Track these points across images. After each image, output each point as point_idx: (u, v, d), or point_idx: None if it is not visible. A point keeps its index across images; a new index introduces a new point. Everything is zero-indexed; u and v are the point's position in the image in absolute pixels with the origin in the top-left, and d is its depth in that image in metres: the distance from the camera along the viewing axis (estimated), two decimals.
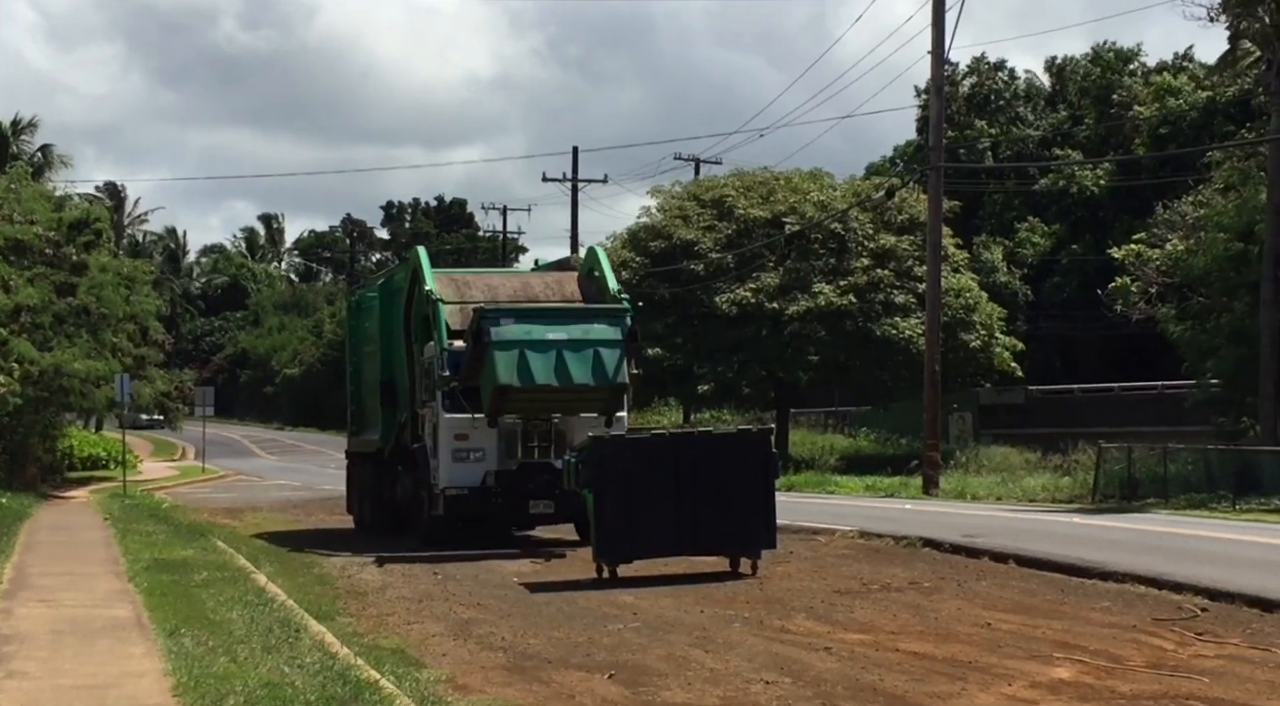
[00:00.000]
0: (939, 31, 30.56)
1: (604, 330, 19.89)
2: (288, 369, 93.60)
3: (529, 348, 19.38)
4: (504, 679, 10.81)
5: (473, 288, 22.14)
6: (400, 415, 22.89)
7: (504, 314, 19.74)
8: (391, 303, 23.79)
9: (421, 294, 21.55)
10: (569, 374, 19.51)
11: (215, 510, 29.82)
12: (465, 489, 20.23)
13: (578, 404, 20.31)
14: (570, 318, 20.20)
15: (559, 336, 19.63)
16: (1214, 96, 46.18)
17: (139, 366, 40.22)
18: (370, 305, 25.58)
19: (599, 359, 19.61)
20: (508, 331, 19.42)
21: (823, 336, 39.84)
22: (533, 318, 19.89)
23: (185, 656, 10.23)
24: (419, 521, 21.50)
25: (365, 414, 25.52)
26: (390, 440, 23.30)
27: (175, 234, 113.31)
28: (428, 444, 21.02)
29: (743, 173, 45.91)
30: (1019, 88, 59.26)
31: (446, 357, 20.23)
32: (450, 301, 21.18)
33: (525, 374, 19.29)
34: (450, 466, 20.25)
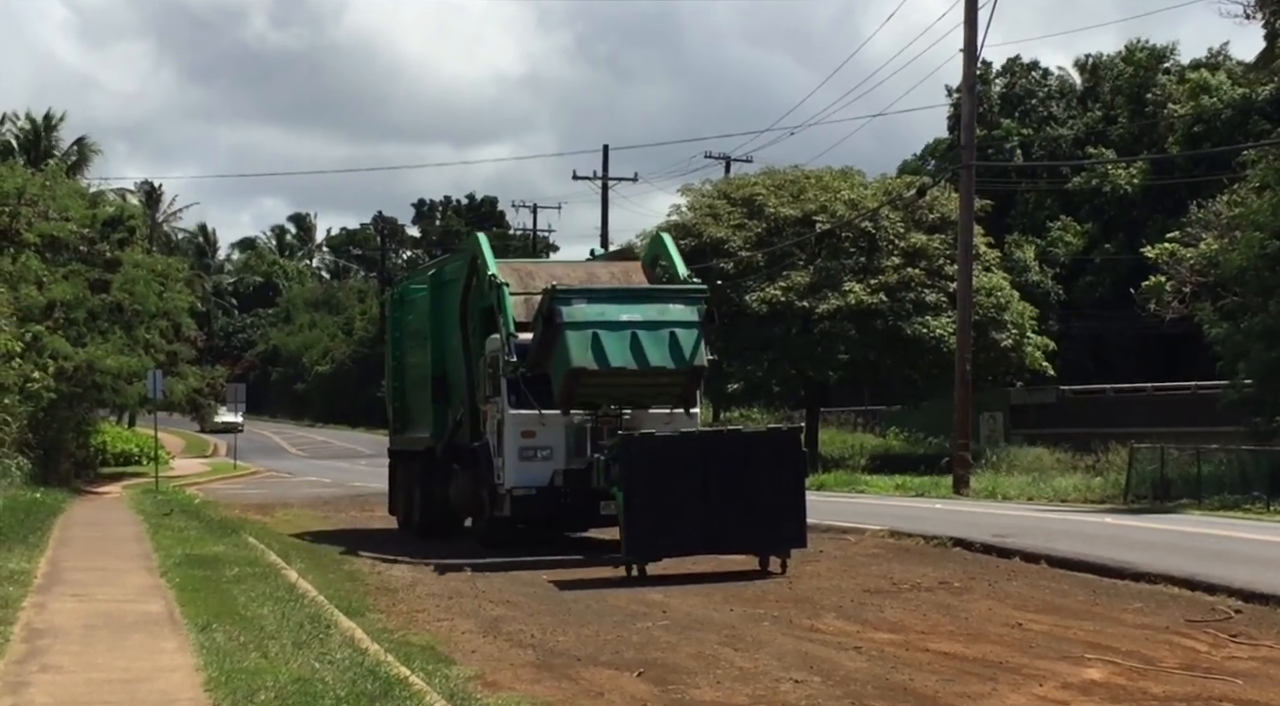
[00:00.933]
0: (971, 29, 30.43)
1: (681, 311, 18.83)
2: (319, 366, 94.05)
3: (603, 329, 18.27)
4: (533, 676, 10.82)
5: (536, 278, 20.87)
6: (455, 412, 21.87)
7: (575, 294, 18.61)
8: (443, 294, 22.71)
9: (482, 282, 20.27)
10: (645, 356, 18.32)
11: (247, 506, 29.97)
12: (533, 489, 19.12)
13: (653, 389, 19.07)
14: (645, 298, 19.14)
15: (634, 317, 18.57)
16: (1249, 94, 45.83)
17: (171, 362, 40.48)
18: (415, 298, 24.53)
19: (675, 341, 18.49)
20: (580, 312, 18.31)
21: (853, 335, 39.73)
22: (606, 298, 18.81)
23: (217, 651, 10.27)
24: (479, 523, 20.68)
25: (411, 410, 24.46)
26: (443, 438, 22.22)
27: (206, 230, 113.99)
28: (491, 442, 19.90)
29: (773, 171, 45.80)
30: (1052, 86, 58.95)
31: (513, 345, 19.04)
32: (514, 292, 19.90)
33: (600, 356, 18.14)
34: (517, 465, 19.15)
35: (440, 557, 18.80)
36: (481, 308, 20.57)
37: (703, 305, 19.07)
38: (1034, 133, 55.96)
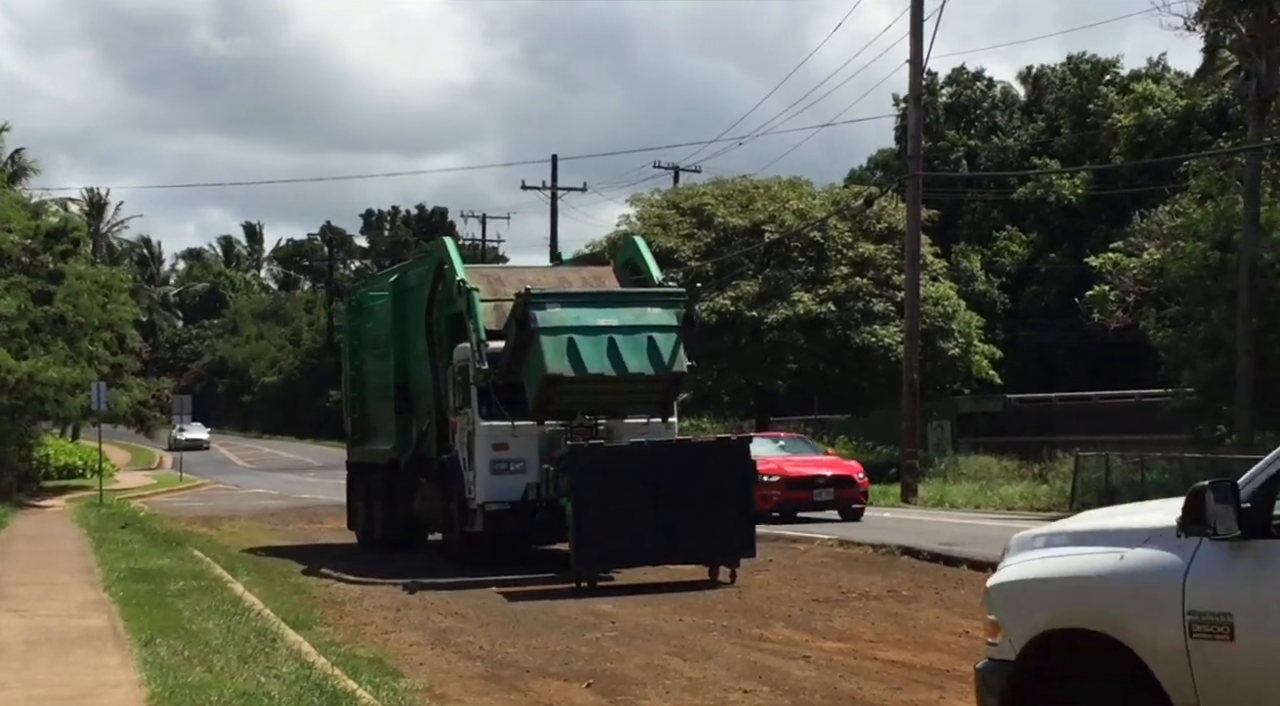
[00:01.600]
0: (917, 40, 30.68)
1: (659, 315, 18.22)
2: (266, 377, 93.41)
3: (579, 334, 17.61)
4: (482, 688, 10.77)
5: (506, 284, 20.23)
6: (421, 423, 21.22)
7: (550, 298, 17.96)
8: (406, 300, 22.03)
9: (450, 287, 19.65)
10: (623, 362, 17.66)
11: (193, 519, 29.70)
12: (506, 503, 18.36)
13: (631, 396, 18.45)
14: (622, 302, 18.52)
15: (610, 322, 17.92)
16: (1192, 105, 46.42)
17: (116, 374, 40.12)
18: (375, 305, 23.87)
19: (654, 346, 17.85)
20: (555, 316, 17.63)
21: (801, 344, 39.90)
22: (582, 302, 18.20)
23: (160, 666, 10.17)
24: (448, 538, 19.96)
25: (371, 421, 23.73)
26: (407, 450, 21.56)
27: (150, 242, 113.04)
28: (460, 454, 19.17)
29: (722, 181, 45.97)
30: (996, 97, 59.53)
31: (485, 352, 18.39)
32: (484, 298, 19.21)
33: (576, 362, 17.47)
34: (489, 479, 18.41)
35: (400, 573, 18.28)
36: (449, 314, 19.97)
37: (681, 308, 18.54)
38: (980, 143, 56.45)
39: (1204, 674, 5.73)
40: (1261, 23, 29.11)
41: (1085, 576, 6.29)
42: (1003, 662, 6.65)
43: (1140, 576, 6.03)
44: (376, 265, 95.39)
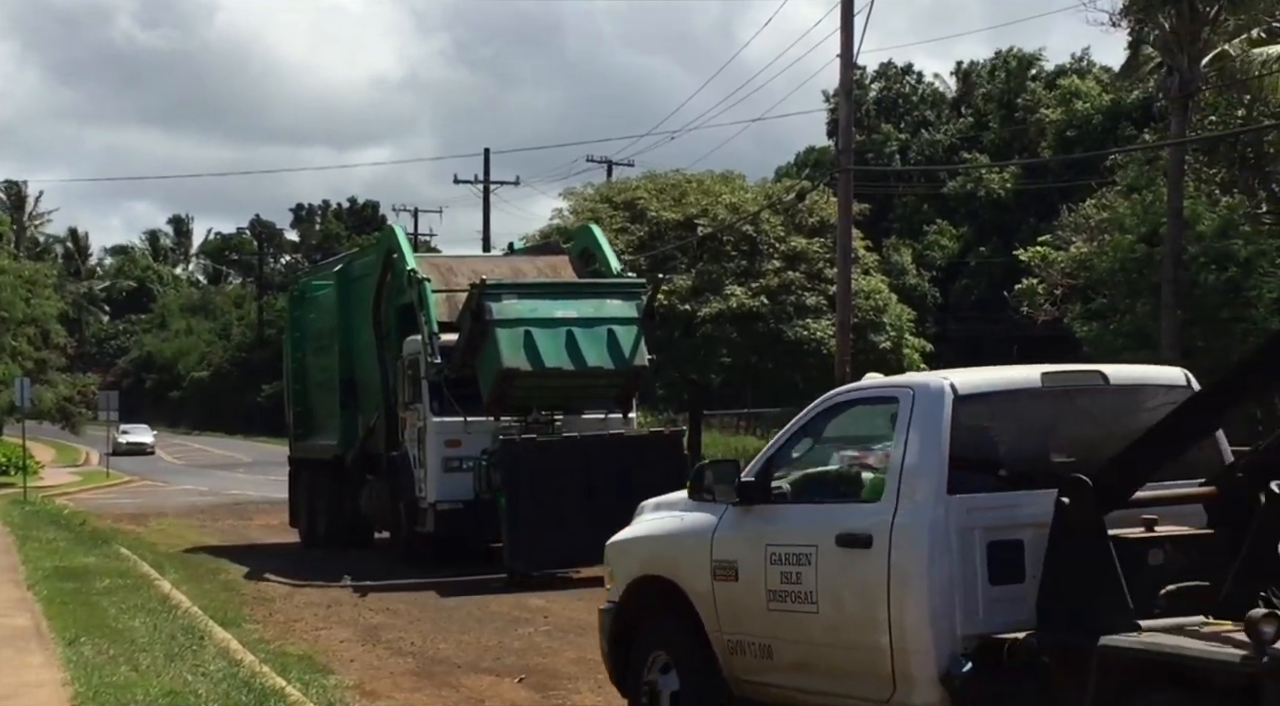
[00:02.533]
0: (847, 35, 30.80)
1: (618, 307, 17.66)
2: (195, 372, 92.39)
3: (536, 326, 17.01)
4: (413, 684, 10.72)
5: (457, 274, 19.52)
6: (368, 418, 20.49)
7: (506, 288, 17.28)
8: (352, 291, 21.34)
9: (399, 277, 18.90)
10: (582, 355, 17.03)
11: (119, 516, 29.30)
12: (459, 503, 17.65)
13: (590, 391, 17.85)
14: (581, 293, 17.91)
15: (569, 313, 17.30)
16: (1117, 100, 47.05)
17: (40, 370, 39.56)
18: (319, 295, 23.16)
19: (614, 339, 17.26)
20: (511, 308, 17.00)
21: (734, 338, 40.00)
22: (538, 293, 17.55)
23: (85, 665, 10.04)
24: (396, 538, 19.41)
25: (315, 416, 23.07)
26: (354, 445, 20.89)
27: (76, 235, 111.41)
28: (410, 451, 18.59)
29: (655, 175, 45.99)
30: (925, 92, 60.05)
31: (436, 345, 17.61)
32: (435, 289, 18.47)
33: (533, 355, 16.84)
34: (440, 477, 17.77)
35: (342, 572, 17.57)
36: (399, 305, 19.26)
37: (642, 300, 18.00)
38: (910, 137, 56.91)
39: (723, 608, 7.62)
40: (1183, 20, 29.57)
41: (658, 535, 8.22)
42: (612, 605, 8.39)
43: (688, 534, 7.90)
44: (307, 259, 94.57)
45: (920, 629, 6.63)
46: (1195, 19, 29.62)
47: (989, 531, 6.69)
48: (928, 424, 6.90)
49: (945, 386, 7.02)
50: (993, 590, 6.61)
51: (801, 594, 7.23)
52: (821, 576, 7.14)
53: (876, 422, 7.42)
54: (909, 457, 6.89)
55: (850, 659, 6.98)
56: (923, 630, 6.61)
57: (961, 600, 6.61)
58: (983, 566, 6.66)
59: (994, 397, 7.20)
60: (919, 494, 6.78)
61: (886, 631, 6.74)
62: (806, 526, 7.31)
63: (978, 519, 6.72)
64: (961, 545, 6.67)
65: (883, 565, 6.80)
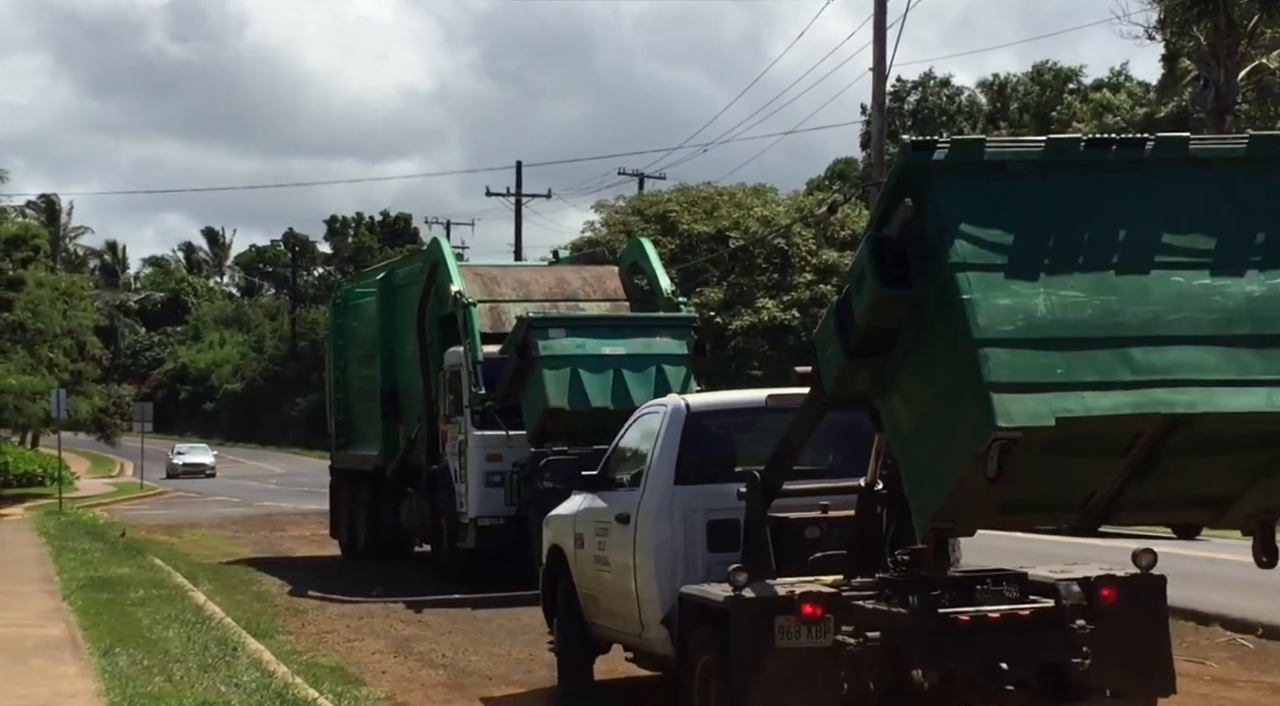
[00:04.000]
0: (880, 48, 30.79)
1: (668, 344, 17.33)
2: (228, 384, 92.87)
3: (582, 365, 16.72)
4: (444, 696, 10.74)
5: (501, 284, 19.38)
6: (409, 429, 20.22)
7: (553, 324, 17.01)
8: (395, 300, 21.08)
9: (441, 292, 18.73)
10: (628, 395, 16.58)
11: (153, 527, 29.47)
12: (500, 518, 17.31)
13: None
14: (629, 329, 17.51)
15: (616, 351, 16.99)
16: (1151, 114, 46.82)
17: (76, 381, 39.86)
18: (362, 303, 22.86)
19: (662, 377, 16.90)
20: (559, 345, 16.70)
21: (766, 351, 39.99)
22: (586, 329, 17.21)
23: (119, 676, 10.09)
24: (437, 552, 19.09)
25: (357, 426, 22.76)
26: (395, 457, 20.62)
27: (115, 248, 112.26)
28: (452, 465, 18.30)
29: (686, 188, 46.08)
30: (962, 104, 59.94)
31: (480, 374, 17.47)
32: (479, 300, 18.37)
33: (578, 395, 16.56)
34: (482, 492, 17.48)
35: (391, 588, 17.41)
36: (441, 315, 19.04)
37: (692, 336, 17.71)
38: None
39: (578, 569, 10.10)
40: (1220, 33, 29.43)
41: (558, 514, 10.67)
42: (542, 566, 10.87)
43: (568, 514, 10.46)
44: (340, 272, 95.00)
45: (649, 584, 8.85)
46: (1232, 32, 29.47)
47: (709, 513, 8.81)
48: (668, 432, 9.16)
49: (682, 404, 9.36)
50: (710, 556, 8.64)
51: (605, 558, 9.59)
52: (610, 545, 9.48)
53: (651, 430, 9.50)
54: (653, 456, 9.18)
55: (622, 605, 9.30)
56: (651, 585, 8.82)
57: (684, 564, 8.74)
58: (703, 539, 8.79)
59: (721, 414, 9.58)
60: (657, 484, 9.02)
61: (634, 586, 9.03)
62: (608, 507, 9.59)
63: (700, 503, 8.86)
64: (686, 523, 8.85)
65: (633, 537, 9.09)
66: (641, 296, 19.93)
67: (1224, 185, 6.53)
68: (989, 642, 7.10)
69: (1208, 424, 6.17)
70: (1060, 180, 6.45)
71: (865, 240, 6.69)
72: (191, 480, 54.17)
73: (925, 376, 6.54)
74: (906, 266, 6.41)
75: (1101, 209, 6.43)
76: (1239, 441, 6.34)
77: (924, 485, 6.59)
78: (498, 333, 18.00)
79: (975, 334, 6.07)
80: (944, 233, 6.27)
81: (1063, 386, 6.01)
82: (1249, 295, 6.30)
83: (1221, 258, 6.39)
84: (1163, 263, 6.34)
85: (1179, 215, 6.44)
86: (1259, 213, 6.50)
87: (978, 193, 6.34)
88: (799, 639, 7.39)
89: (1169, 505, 6.83)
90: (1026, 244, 6.27)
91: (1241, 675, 11.07)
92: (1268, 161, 6.60)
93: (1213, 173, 6.56)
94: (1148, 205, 6.45)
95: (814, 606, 7.36)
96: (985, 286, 6.18)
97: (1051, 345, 6.12)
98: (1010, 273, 6.23)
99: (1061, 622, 7.32)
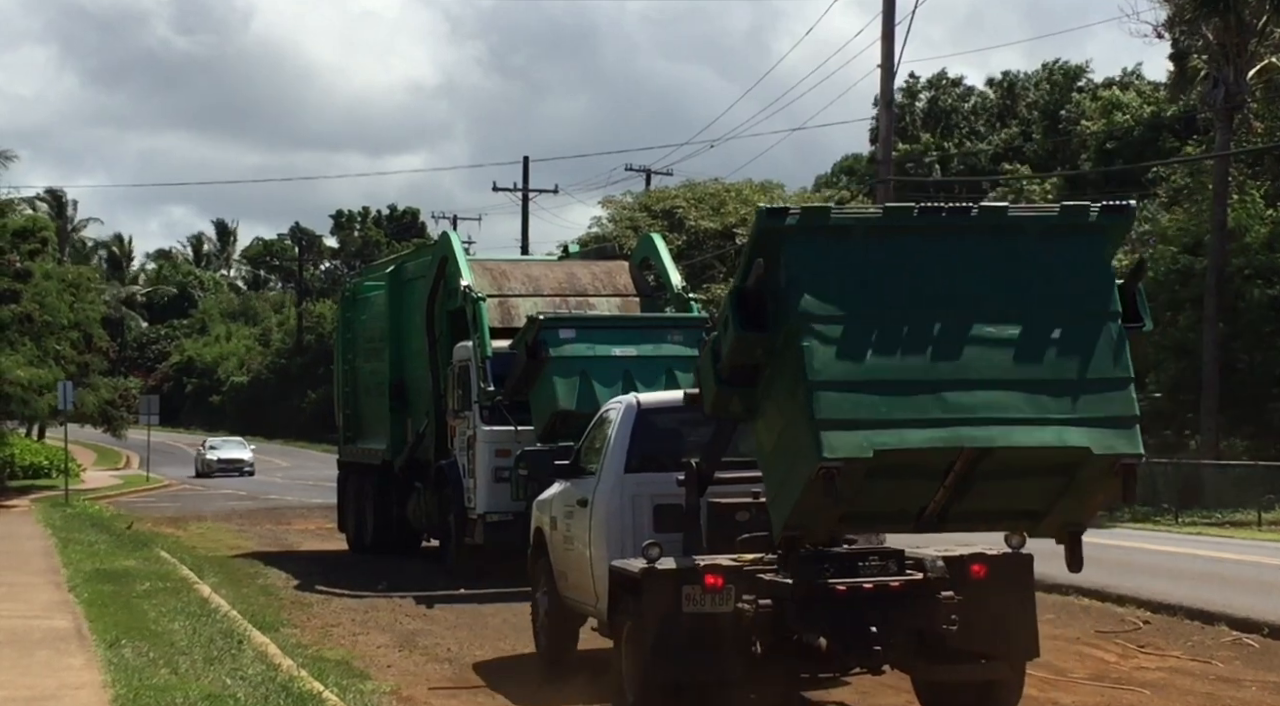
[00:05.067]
0: (889, 45, 30.76)
1: (678, 347, 17.15)
2: (235, 377, 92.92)
3: (593, 367, 16.60)
4: (450, 691, 10.74)
5: (510, 278, 19.32)
6: (418, 424, 20.15)
7: (564, 325, 16.86)
8: (404, 294, 20.97)
9: (450, 287, 18.75)
10: None
11: (159, 519, 29.51)
12: (509, 514, 16.81)
13: None
14: (640, 331, 17.38)
15: (627, 352, 16.91)
16: (1159, 112, 46.73)
17: (83, 374, 39.85)
18: (370, 297, 22.83)
19: (673, 380, 16.57)
20: (569, 348, 16.59)
21: None
22: (597, 331, 17.08)
23: (125, 668, 10.11)
24: (445, 548, 19.05)
25: (364, 420, 22.71)
26: (402, 451, 20.54)
27: (121, 240, 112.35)
28: (460, 460, 18.22)
29: (693, 184, 46.10)
30: (975, 103, 59.83)
31: (489, 371, 17.34)
32: (488, 294, 18.40)
33: (586, 398, 16.32)
34: (490, 488, 17.30)
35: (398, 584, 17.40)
36: (450, 310, 19.05)
37: (703, 337, 17.09)
38: (956, 147, 56.68)
39: (553, 548, 11.42)
40: (1229, 32, 29.34)
41: (540, 500, 12.03)
42: (530, 545, 12.16)
43: (547, 499, 11.81)
44: (347, 266, 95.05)
45: (602, 561, 9.95)
46: (1242, 30, 29.38)
47: (655, 497, 10.04)
48: (621, 426, 10.47)
49: (634, 402, 10.68)
50: (657, 536, 9.39)
51: (571, 537, 10.84)
52: (574, 526, 10.76)
53: (610, 424, 10.71)
54: (608, 448, 10.47)
55: (583, 579, 10.51)
56: (603, 561, 9.86)
57: (633, 542, 9.66)
58: (650, 520, 10.01)
59: (668, 411, 10.55)
60: (610, 472, 10.34)
61: (590, 562, 10.29)
62: (573, 493, 10.89)
63: (647, 489, 10.14)
64: (635, 506, 10.14)
65: (590, 519, 10.39)
66: (651, 292, 19.87)
67: (1036, 247, 7.65)
68: (863, 610, 8.22)
69: (1007, 455, 7.40)
70: (895, 243, 7.58)
71: (729, 291, 7.87)
72: (228, 478, 50.48)
73: (778, 407, 7.76)
74: (764, 314, 7.59)
75: (927, 267, 7.54)
76: (1039, 468, 7.54)
77: (777, 499, 7.85)
78: (507, 327, 18.01)
79: (810, 377, 7.31)
80: (791, 287, 7.45)
81: (883, 424, 7.28)
82: (1050, 343, 7.48)
83: (1027, 311, 7.51)
84: (976, 315, 7.48)
85: (996, 274, 7.58)
86: (1064, 272, 7.61)
87: (822, 253, 7.50)
88: (703, 605, 8.62)
89: (990, 518, 8.13)
90: (861, 299, 7.45)
91: (1247, 674, 11.06)
92: (1073, 228, 7.71)
93: (1027, 236, 7.69)
94: (967, 264, 7.57)
95: (715, 577, 8.61)
96: (823, 336, 7.37)
97: (876, 388, 7.34)
98: (846, 323, 7.41)
99: (929, 593, 8.39)
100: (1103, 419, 7.42)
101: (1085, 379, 7.45)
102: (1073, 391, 7.43)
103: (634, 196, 47.09)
